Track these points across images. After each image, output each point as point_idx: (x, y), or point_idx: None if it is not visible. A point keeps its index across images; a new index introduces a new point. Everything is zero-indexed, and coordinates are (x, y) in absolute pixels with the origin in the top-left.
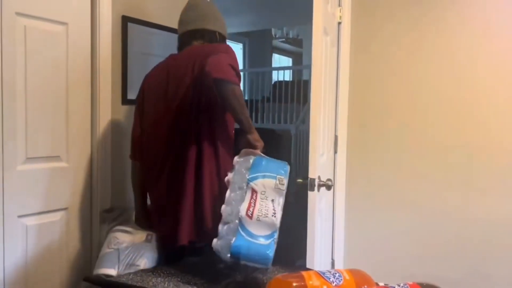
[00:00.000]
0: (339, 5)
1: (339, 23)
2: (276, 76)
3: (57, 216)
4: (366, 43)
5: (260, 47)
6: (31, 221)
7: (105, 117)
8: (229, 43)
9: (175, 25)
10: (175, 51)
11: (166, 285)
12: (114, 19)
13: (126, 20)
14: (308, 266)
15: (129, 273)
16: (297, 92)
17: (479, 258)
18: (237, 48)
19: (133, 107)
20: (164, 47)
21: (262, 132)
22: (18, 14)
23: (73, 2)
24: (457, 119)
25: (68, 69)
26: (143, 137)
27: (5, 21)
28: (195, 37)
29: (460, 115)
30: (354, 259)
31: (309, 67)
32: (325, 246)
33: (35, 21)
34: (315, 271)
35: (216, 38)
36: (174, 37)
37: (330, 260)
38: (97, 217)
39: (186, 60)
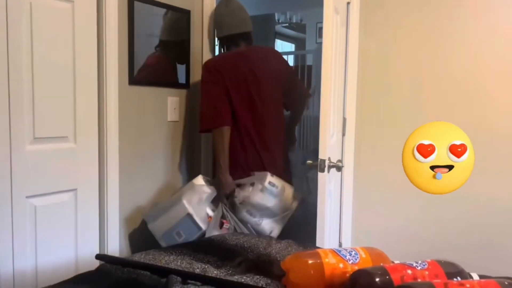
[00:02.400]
0: None
1: (348, 3)
2: None
3: (65, 197)
4: (375, 23)
5: (262, 33)
6: (39, 202)
7: (112, 97)
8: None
9: (181, 4)
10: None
11: (179, 263)
12: None
13: None
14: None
15: (141, 253)
16: (301, 77)
17: (489, 239)
18: None
19: (140, 87)
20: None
21: None
22: None
23: None
24: (467, 100)
25: (75, 48)
26: (232, 107)
27: None
28: (244, 39)
29: (470, 97)
30: (361, 242)
31: (312, 51)
32: (333, 228)
33: None
34: (331, 249)
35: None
36: (182, 17)
37: (338, 243)
38: (105, 198)
39: (263, 56)
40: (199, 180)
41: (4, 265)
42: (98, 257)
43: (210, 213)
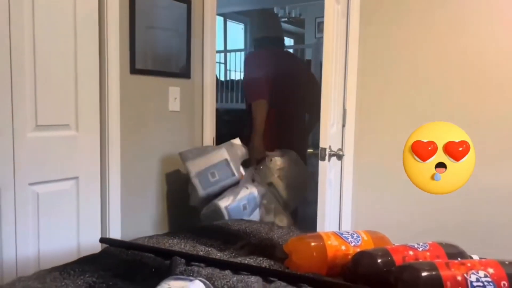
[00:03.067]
0: None
1: None
2: None
3: (67, 185)
4: (375, 14)
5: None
6: (42, 189)
7: (113, 86)
8: (230, 23)
9: None
10: (182, 24)
11: (182, 246)
12: None
13: None
14: None
15: (144, 237)
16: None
17: (489, 227)
18: (239, 29)
19: (141, 76)
20: (170, 19)
21: None
22: None
23: None
24: (468, 89)
25: (77, 36)
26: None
27: None
28: (274, 42)
29: (471, 86)
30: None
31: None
32: (333, 217)
33: None
34: (333, 231)
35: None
36: (182, 7)
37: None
38: (106, 186)
39: (292, 59)
40: (237, 141)
41: (7, 251)
42: (102, 240)
43: (242, 171)
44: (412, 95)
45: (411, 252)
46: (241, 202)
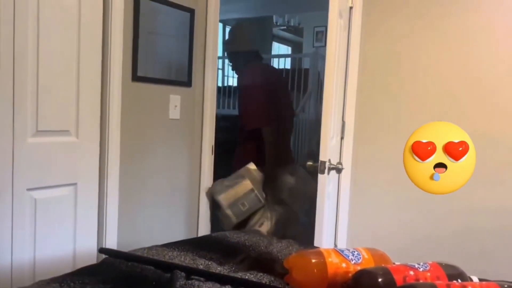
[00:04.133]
0: None
1: (351, 7)
2: (277, 64)
3: (65, 191)
4: (376, 28)
5: (260, 35)
6: (40, 195)
7: (115, 93)
8: (229, 29)
9: (186, 3)
10: (184, 30)
11: (182, 258)
12: None
13: None
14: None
15: (144, 248)
16: (297, 80)
17: (484, 248)
18: None
19: (143, 84)
20: (173, 27)
21: None
22: None
23: None
24: (466, 108)
25: (80, 42)
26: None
27: None
28: (258, 57)
29: (470, 102)
30: (356, 245)
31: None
32: (329, 230)
33: None
34: (334, 248)
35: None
36: (185, 16)
37: (333, 245)
38: (104, 193)
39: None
40: (252, 165)
41: (3, 257)
42: (101, 251)
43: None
44: (411, 109)
45: (411, 272)
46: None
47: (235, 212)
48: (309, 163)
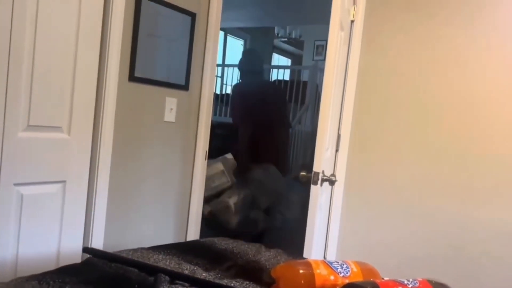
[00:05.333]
0: (354, 3)
1: (352, 21)
2: (276, 75)
3: (53, 188)
4: (376, 43)
5: (261, 45)
6: (27, 191)
7: (111, 92)
8: (230, 38)
9: (188, 7)
10: (184, 33)
11: (167, 262)
12: None
13: None
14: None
15: (129, 250)
16: (295, 92)
17: (473, 265)
18: (238, 44)
19: (140, 85)
20: (174, 29)
21: None
22: None
23: None
24: (461, 125)
25: (78, 39)
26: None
27: None
28: (259, 74)
29: (466, 120)
30: (346, 257)
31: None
32: (319, 242)
33: None
34: (323, 260)
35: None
36: (186, 19)
37: (322, 256)
38: (93, 193)
39: (273, 89)
40: (230, 155)
41: None
42: (85, 250)
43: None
44: (408, 125)
45: None
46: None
47: (205, 186)
48: (303, 173)
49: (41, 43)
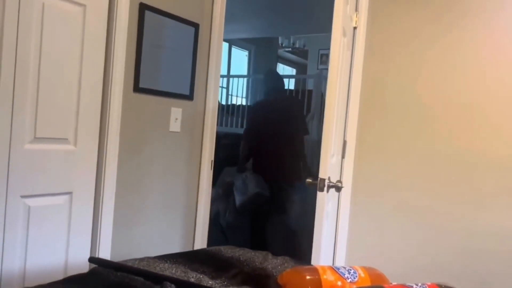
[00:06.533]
0: (356, 10)
1: (355, 28)
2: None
3: (60, 200)
4: (379, 49)
5: (265, 55)
6: (34, 203)
7: (116, 103)
8: (235, 49)
9: (191, 17)
10: (188, 44)
11: (174, 271)
12: (132, 5)
13: (143, 8)
14: None
15: (135, 259)
16: (301, 100)
17: (484, 270)
18: (243, 55)
19: (144, 95)
20: (177, 40)
21: None
22: None
23: None
24: (468, 128)
25: (83, 51)
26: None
27: None
28: (278, 91)
29: (471, 125)
30: (355, 264)
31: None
32: (327, 249)
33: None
34: (330, 266)
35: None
36: (190, 30)
37: (331, 263)
38: (100, 204)
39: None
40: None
41: None
42: (91, 260)
43: None
44: (413, 131)
45: None
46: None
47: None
48: (308, 180)
49: (46, 57)
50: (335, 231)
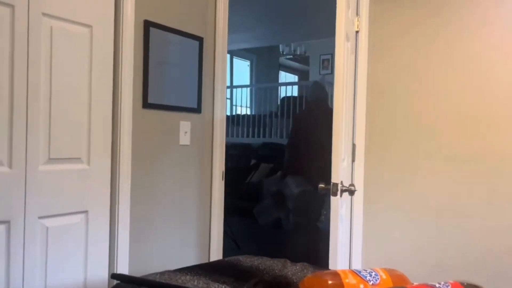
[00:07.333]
0: (357, 14)
1: (357, 31)
2: (284, 92)
3: (77, 219)
4: (383, 52)
5: (267, 64)
6: (51, 223)
7: (126, 120)
8: (236, 60)
9: (195, 31)
10: (193, 58)
11: (196, 283)
12: (137, 23)
13: (148, 25)
14: None
15: (156, 273)
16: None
17: (500, 267)
18: (245, 66)
19: (153, 111)
20: (183, 55)
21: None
22: (44, 14)
23: (97, 5)
24: (477, 125)
25: (92, 71)
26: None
27: (32, 21)
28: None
29: (480, 122)
30: (371, 267)
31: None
32: (343, 253)
33: (61, 23)
34: (351, 269)
35: None
36: (194, 44)
37: (348, 267)
38: (116, 221)
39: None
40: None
41: (14, 285)
42: (114, 276)
43: None
44: (421, 130)
45: None
46: None
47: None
48: (321, 185)
49: (56, 79)
50: (350, 234)
